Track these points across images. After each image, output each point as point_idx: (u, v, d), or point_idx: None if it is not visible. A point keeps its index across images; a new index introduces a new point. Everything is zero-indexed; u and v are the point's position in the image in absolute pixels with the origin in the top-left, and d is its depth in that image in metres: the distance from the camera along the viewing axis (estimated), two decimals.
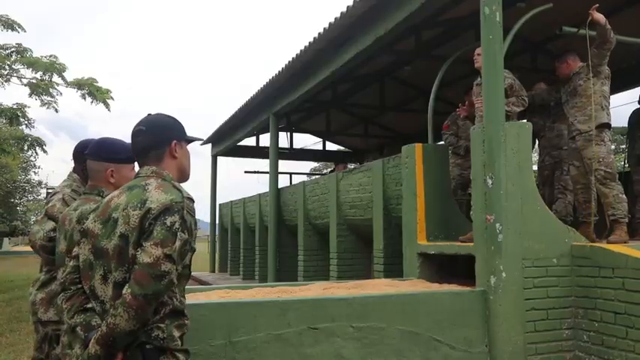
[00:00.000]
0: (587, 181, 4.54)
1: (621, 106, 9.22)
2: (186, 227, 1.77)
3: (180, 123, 2.04)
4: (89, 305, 1.79)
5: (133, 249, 1.72)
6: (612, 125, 4.61)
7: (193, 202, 1.85)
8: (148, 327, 1.72)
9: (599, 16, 4.26)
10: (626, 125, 6.45)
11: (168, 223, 1.72)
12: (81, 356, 1.72)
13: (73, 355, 1.79)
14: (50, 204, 2.57)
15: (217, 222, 13.70)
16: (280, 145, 10.22)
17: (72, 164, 2.86)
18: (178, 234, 1.73)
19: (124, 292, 1.67)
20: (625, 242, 4.14)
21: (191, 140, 2.06)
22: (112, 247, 1.76)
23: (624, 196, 4.39)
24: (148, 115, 2.02)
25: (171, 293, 1.77)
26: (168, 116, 2.03)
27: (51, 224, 2.48)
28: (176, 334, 1.79)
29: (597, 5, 4.28)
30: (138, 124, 1.97)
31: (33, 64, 11.07)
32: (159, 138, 1.95)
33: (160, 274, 1.67)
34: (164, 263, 1.68)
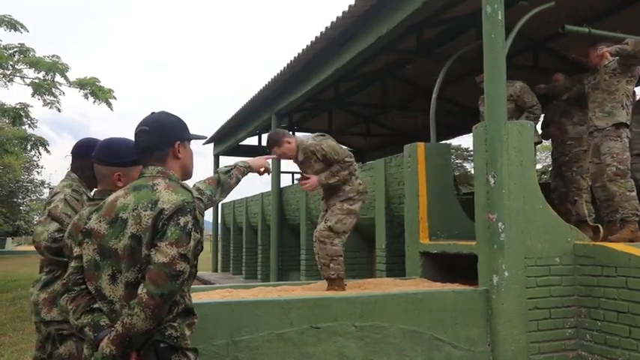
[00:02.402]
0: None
1: None
2: (198, 227, 1.78)
3: (183, 122, 2.02)
4: (95, 305, 1.79)
5: (146, 249, 1.72)
6: None
7: (202, 202, 1.86)
8: (162, 326, 1.72)
9: (607, 53, 4.39)
10: None
11: (182, 223, 1.72)
12: (93, 356, 1.71)
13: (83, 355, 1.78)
14: (52, 205, 2.55)
15: (220, 221, 13.72)
16: None
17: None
18: (192, 234, 1.74)
19: (139, 292, 1.67)
20: (631, 241, 4.09)
21: (194, 138, 2.06)
22: (122, 247, 1.76)
23: (633, 193, 4.31)
24: (152, 113, 2.00)
25: (182, 292, 1.78)
26: (172, 115, 2.01)
27: (55, 225, 2.47)
28: (187, 332, 1.80)
29: (603, 48, 4.42)
30: (141, 124, 1.95)
31: (35, 64, 11.10)
32: (162, 139, 1.93)
33: (176, 273, 1.68)
34: (179, 263, 1.68)
